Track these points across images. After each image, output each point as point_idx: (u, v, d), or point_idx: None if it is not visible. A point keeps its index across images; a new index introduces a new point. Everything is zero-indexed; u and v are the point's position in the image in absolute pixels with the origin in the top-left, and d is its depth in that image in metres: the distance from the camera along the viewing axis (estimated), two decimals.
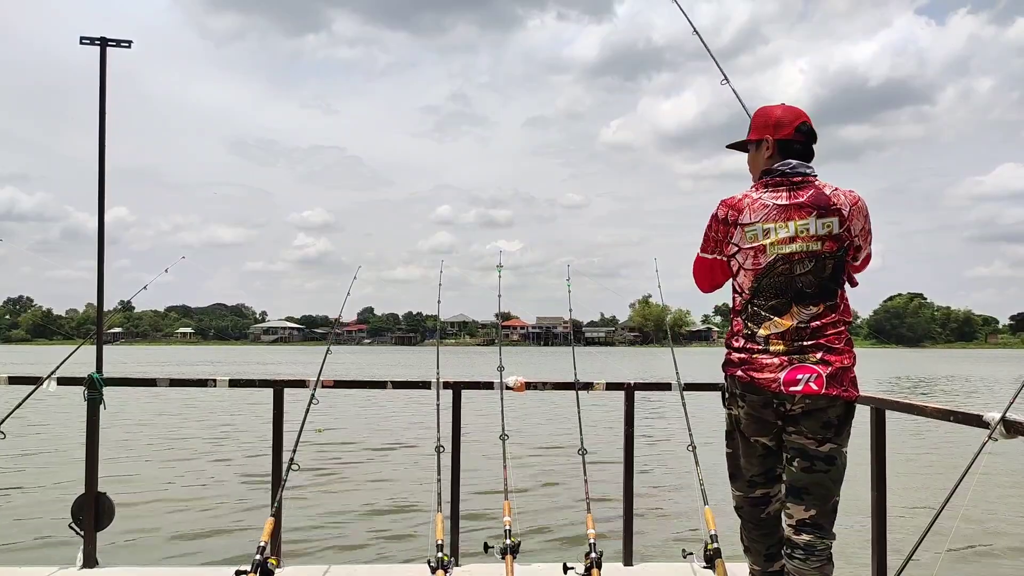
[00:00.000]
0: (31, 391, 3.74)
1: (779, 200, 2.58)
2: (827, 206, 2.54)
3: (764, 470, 2.71)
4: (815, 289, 2.54)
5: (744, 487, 2.77)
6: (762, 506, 2.75)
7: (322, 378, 3.79)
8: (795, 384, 2.48)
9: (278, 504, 3.54)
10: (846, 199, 2.57)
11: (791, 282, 2.55)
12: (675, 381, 3.97)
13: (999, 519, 7.95)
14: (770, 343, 2.55)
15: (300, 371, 38.22)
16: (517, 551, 3.29)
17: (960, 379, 37.05)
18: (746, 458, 2.72)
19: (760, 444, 2.67)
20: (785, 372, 2.50)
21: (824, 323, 2.53)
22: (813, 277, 2.54)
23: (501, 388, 3.93)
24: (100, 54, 3.82)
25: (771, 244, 2.56)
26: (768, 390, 2.52)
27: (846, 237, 2.56)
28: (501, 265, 4.47)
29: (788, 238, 2.54)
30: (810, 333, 2.52)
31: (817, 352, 2.51)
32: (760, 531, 2.77)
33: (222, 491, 9.01)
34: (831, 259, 2.54)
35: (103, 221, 3.89)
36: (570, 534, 6.99)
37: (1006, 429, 2.51)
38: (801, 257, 2.54)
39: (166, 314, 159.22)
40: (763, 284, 2.58)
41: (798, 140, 2.65)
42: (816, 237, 2.53)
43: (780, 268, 2.56)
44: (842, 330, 2.56)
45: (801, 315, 2.54)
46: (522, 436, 13.35)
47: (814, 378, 2.47)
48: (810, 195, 2.56)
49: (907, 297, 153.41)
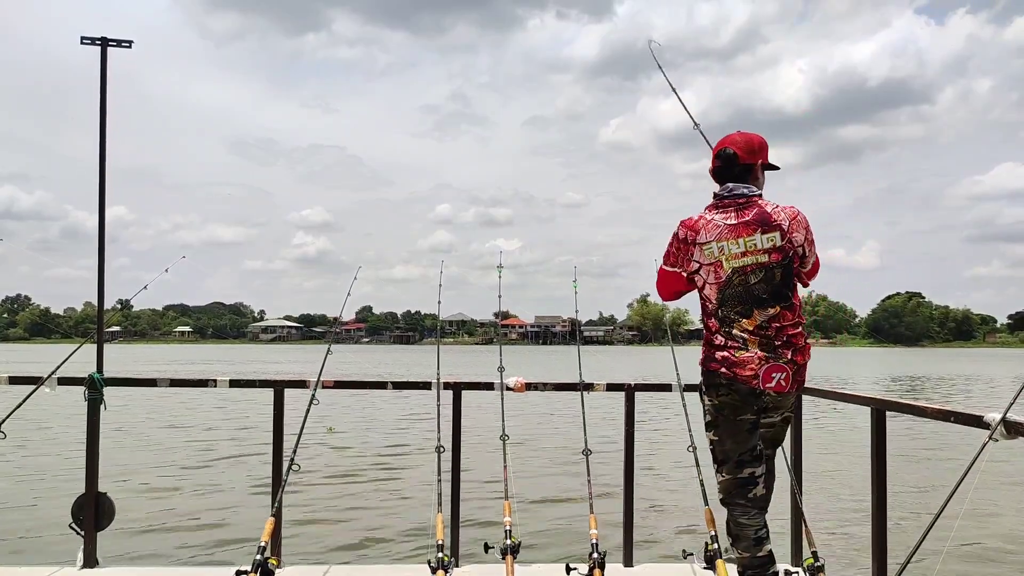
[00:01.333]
0: (31, 391, 3.74)
1: (728, 220, 2.97)
2: (769, 223, 2.94)
3: (750, 447, 3.00)
4: (769, 295, 2.94)
5: (733, 469, 3.00)
6: (750, 486, 2.99)
7: (322, 379, 3.79)
8: (770, 382, 2.90)
9: (278, 504, 3.54)
10: (786, 215, 2.97)
11: (749, 291, 2.94)
12: (675, 382, 3.97)
13: (1000, 520, 7.96)
14: (747, 343, 2.92)
15: (300, 370, 38.25)
16: (517, 551, 3.30)
17: (960, 379, 37.08)
18: (733, 438, 2.99)
19: (745, 420, 2.99)
20: (763, 370, 2.89)
21: (785, 324, 2.94)
22: (766, 284, 2.94)
23: (502, 389, 3.93)
24: (101, 54, 3.82)
25: (726, 259, 2.95)
26: (749, 384, 2.90)
27: (789, 248, 2.95)
28: (501, 266, 4.47)
29: (740, 253, 2.94)
30: (777, 333, 2.93)
31: (787, 351, 2.93)
32: (748, 515, 2.96)
33: (222, 491, 9.01)
34: (778, 268, 2.95)
35: (103, 221, 3.89)
36: (571, 535, 6.99)
37: (1007, 430, 2.51)
38: (753, 268, 2.93)
39: (164, 313, 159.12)
40: (727, 295, 2.97)
41: (719, 165, 3.07)
42: (763, 250, 2.93)
43: (737, 280, 2.95)
44: (800, 330, 2.98)
45: (762, 317, 2.93)
46: (523, 437, 13.36)
47: (784, 376, 2.90)
48: (754, 214, 2.96)
49: (906, 296, 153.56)
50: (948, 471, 10.56)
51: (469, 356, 65.36)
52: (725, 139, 3.11)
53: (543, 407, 18.06)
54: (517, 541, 3.31)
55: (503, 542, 3.29)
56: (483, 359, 53.37)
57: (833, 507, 8.46)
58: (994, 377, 38.58)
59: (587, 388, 4.02)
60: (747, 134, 3.09)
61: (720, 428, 3.01)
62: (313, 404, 3.72)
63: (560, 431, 14.79)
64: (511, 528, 3.35)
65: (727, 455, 3.00)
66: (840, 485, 9.76)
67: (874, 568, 3.34)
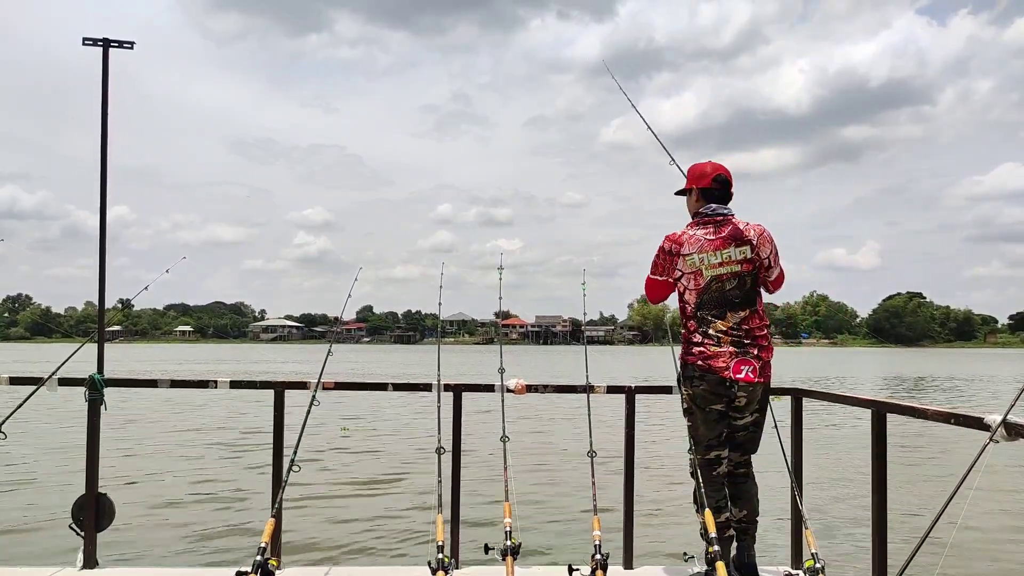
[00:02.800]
0: (32, 391, 3.74)
1: (708, 235, 3.49)
2: (741, 238, 3.46)
3: (718, 433, 3.52)
4: (741, 299, 3.45)
5: (702, 451, 3.53)
6: (715, 466, 3.53)
7: (323, 380, 3.79)
8: (739, 373, 3.37)
9: (279, 505, 3.54)
10: (755, 232, 3.48)
11: (724, 295, 3.45)
12: (675, 384, 3.96)
13: (1000, 522, 7.95)
14: (721, 341, 3.41)
15: (301, 370, 38.26)
16: (518, 553, 3.29)
17: (962, 379, 37.05)
18: (705, 425, 3.51)
19: (715, 411, 3.48)
20: (733, 363, 3.38)
21: (752, 326, 3.44)
22: (739, 290, 3.45)
23: (502, 390, 3.93)
24: (102, 55, 3.82)
25: (706, 269, 3.46)
26: (720, 375, 3.39)
27: (756, 259, 3.48)
28: (502, 267, 4.47)
29: (718, 263, 3.45)
30: (746, 333, 3.42)
31: (754, 349, 3.42)
32: (712, 487, 3.49)
33: (222, 492, 9.01)
34: (748, 276, 3.47)
35: (104, 222, 3.89)
36: (572, 535, 7.00)
37: (1007, 431, 2.50)
38: (728, 276, 3.45)
39: (165, 312, 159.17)
40: (704, 299, 3.47)
41: (716, 188, 3.57)
42: (736, 261, 3.45)
43: (714, 286, 3.45)
44: (766, 332, 3.50)
45: (734, 318, 3.43)
46: (523, 437, 13.35)
47: (751, 370, 3.39)
48: (729, 230, 3.48)
49: (906, 296, 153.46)
50: (949, 472, 10.55)
51: (469, 356, 65.37)
52: (715, 167, 3.60)
53: (543, 408, 18.06)
54: (517, 542, 3.30)
55: (503, 543, 3.28)
56: (483, 359, 53.40)
57: (833, 509, 8.46)
58: (996, 376, 38.55)
59: (587, 390, 4.01)
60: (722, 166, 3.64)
61: (695, 415, 3.53)
62: (314, 405, 3.71)
63: (560, 432, 14.78)
64: (511, 529, 3.35)
65: (699, 439, 3.54)
66: (840, 487, 9.76)
67: (874, 570, 3.33)
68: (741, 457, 3.59)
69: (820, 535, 4.56)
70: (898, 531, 6.67)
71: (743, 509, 3.55)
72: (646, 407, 16.46)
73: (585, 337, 5.70)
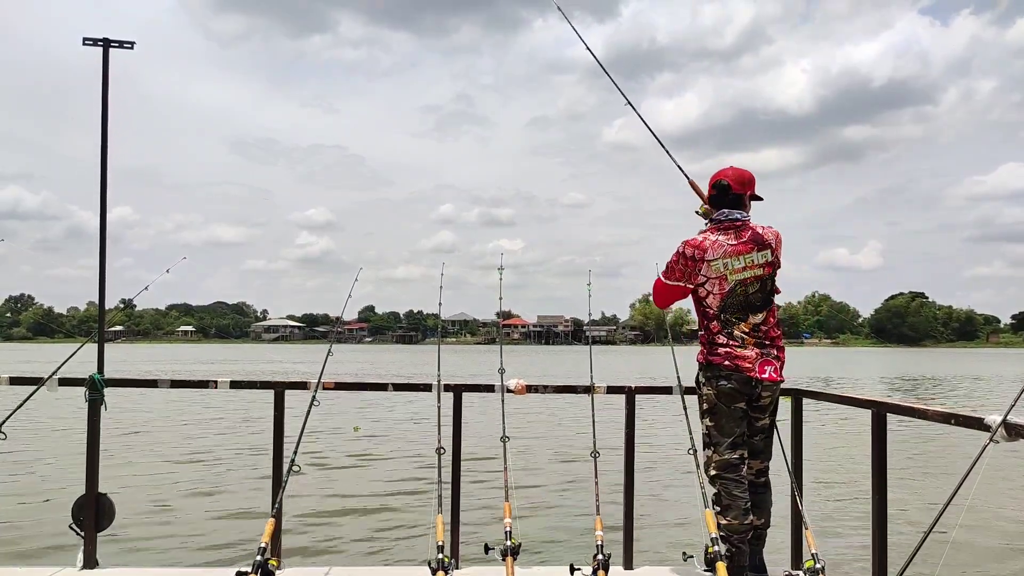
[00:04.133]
0: (32, 392, 3.74)
1: (730, 241, 3.51)
2: (762, 242, 3.52)
3: (740, 431, 3.51)
4: (761, 302, 3.53)
5: (727, 450, 3.48)
6: (741, 466, 3.49)
7: (323, 380, 3.79)
8: (764, 373, 3.44)
9: (279, 505, 3.54)
10: (772, 235, 3.56)
11: (747, 299, 3.50)
12: (676, 384, 3.96)
13: (1001, 522, 7.94)
14: (745, 343, 3.47)
15: (302, 370, 38.27)
16: (518, 553, 3.29)
17: (965, 379, 36.99)
18: (729, 422, 3.49)
19: (738, 409, 3.50)
20: (758, 364, 3.44)
21: (770, 326, 3.54)
22: (760, 294, 3.52)
23: (502, 391, 3.93)
24: (103, 55, 3.82)
25: (730, 274, 3.49)
26: (747, 374, 3.44)
27: (776, 262, 3.56)
28: (502, 267, 4.46)
29: (741, 268, 3.49)
30: (766, 334, 3.51)
31: (774, 350, 3.51)
32: (740, 488, 3.44)
33: (222, 492, 9.02)
34: (769, 279, 3.55)
35: (105, 222, 3.89)
36: (572, 535, 6.99)
37: (1007, 432, 2.50)
38: (752, 280, 3.50)
39: (167, 312, 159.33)
40: (728, 303, 3.50)
41: (715, 194, 3.62)
42: (759, 265, 3.51)
43: (739, 291, 3.49)
44: (780, 332, 3.59)
45: (755, 321, 3.51)
46: (523, 438, 13.35)
47: (774, 369, 3.48)
48: (750, 235, 3.53)
49: (909, 296, 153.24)
50: (949, 472, 10.53)
51: (471, 356, 65.38)
52: (719, 172, 3.66)
53: (543, 408, 18.05)
54: (517, 543, 3.30)
55: (503, 543, 3.28)
56: (485, 359, 53.38)
57: (833, 509, 8.45)
58: (999, 375, 38.49)
59: (587, 391, 4.01)
60: (739, 169, 3.65)
61: (718, 415, 3.50)
62: (314, 406, 3.71)
63: (559, 432, 14.78)
64: (511, 529, 3.35)
65: (723, 438, 3.49)
66: (840, 487, 9.75)
67: (875, 570, 3.33)
68: (761, 464, 3.61)
69: (820, 535, 4.55)
70: (898, 532, 6.67)
71: (761, 517, 3.58)
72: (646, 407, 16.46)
73: (589, 338, 5.67)
